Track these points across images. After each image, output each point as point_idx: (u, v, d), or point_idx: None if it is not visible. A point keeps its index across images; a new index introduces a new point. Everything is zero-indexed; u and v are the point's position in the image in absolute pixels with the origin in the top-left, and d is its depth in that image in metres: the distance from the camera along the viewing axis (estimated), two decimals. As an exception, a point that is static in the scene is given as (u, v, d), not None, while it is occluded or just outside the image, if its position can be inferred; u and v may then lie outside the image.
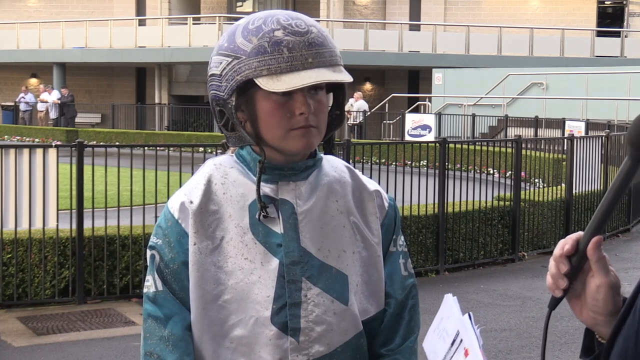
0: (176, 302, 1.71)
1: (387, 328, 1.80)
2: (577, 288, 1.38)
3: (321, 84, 1.69)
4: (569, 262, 1.37)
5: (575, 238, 1.38)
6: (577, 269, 1.37)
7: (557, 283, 1.37)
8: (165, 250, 1.72)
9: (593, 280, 1.36)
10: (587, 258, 1.35)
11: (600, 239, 1.35)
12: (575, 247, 1.37)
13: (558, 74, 24.04)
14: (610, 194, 1.36)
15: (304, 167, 1.75)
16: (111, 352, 6.15)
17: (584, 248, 1.35)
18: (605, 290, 1.35)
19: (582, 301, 1.38)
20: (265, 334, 1.68)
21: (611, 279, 1.36)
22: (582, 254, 1.36)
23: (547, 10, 33.76)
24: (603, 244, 1.36)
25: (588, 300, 1.37)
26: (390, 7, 35.15)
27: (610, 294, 1.35)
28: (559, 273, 1.37)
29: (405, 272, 1.84)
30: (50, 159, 7.32)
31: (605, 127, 16.46)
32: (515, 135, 11.61)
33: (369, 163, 9.09)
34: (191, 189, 1.74)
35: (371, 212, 1.81)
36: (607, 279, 1.35)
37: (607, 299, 1.35)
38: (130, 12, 35.75)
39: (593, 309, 1.37)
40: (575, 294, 1.39)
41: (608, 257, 1.38)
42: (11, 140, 27.67)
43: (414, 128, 23.44)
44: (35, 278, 7.31)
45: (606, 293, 1.35)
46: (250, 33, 1.68)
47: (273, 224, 1.71)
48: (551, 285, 1.39)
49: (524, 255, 9.75)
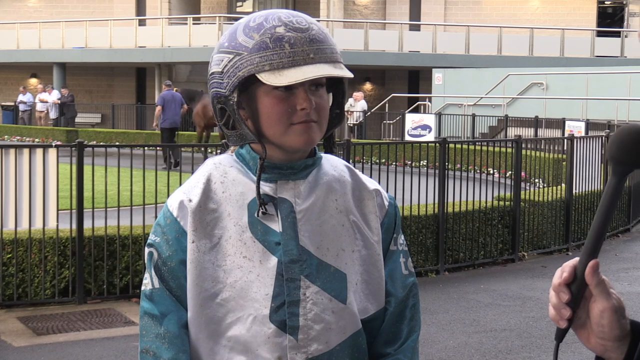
0: (172, 300, 1.71)
1: (388, 327, 1.80)
2: (582, 316, 1.34)
3: (322, 81, 1.70)
4: (569, 290, 1.33)
5: (572, 265, 1.34)
6: (579, 297, 1.33)
7: (560, 313, 1.33)
8: (163, 248, 1.73)
9: (596, 306, 1.32)
10: (587, 284, 1.32)
11: (597, 263, 1.32)
12: (574, 273, 1.33)
13: (558, 74, 24.04)
14: (600, 214, 1.33)
15: (303, 166, 1.75)
16: (111, 352, 6.15)
17: (582, 274, 1.32)
18: (609, 314, 1.31)
19: (588, 329, 1.34)
20: (263, 332, 1.68)
21: (614, 302, 1.32)
22: (581, 280, 1.32)
23: (547, 10, 33.76)
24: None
25: (593, 326, 1.33)
26: (390, 7, 35.15)
27: (614, 318, 1.31)
28: (561, 302, 1.33)
29: (405, 270, 1.85)
30: (50, 159, 7.32)
31: (605, 127, 16.46)
32: (515, 135, 11.61)
33: (369, 163, 9.09)
34: (190, 188, 1.75)
35: (371, 210, 1.81)
36: (610, 302, 1.32)
37: (613, 323, 1.31)
38: (130, 12, 35.75)
39: (600, 335, 1.33)
40: (580, 322, 1.34)
41: (608, 281, 1.34)
42: (11, 140, 27.67)
43: (414, 128, 23.44)
44: (35, 278, 7.31)
45: (610, 317, 1.31)
46: (252, 30, 1.68)
47: (272, 222, 1.72)
48: (554, 316, 1.34)
49: (524, 255, 9.76)
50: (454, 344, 6.36)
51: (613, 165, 1.31)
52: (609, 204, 1.33)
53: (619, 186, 1.32)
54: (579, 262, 1.33)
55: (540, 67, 25.71)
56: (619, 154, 1.29)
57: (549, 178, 12.76)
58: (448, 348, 6.26)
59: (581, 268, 1.33)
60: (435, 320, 6.98)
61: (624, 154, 1.29)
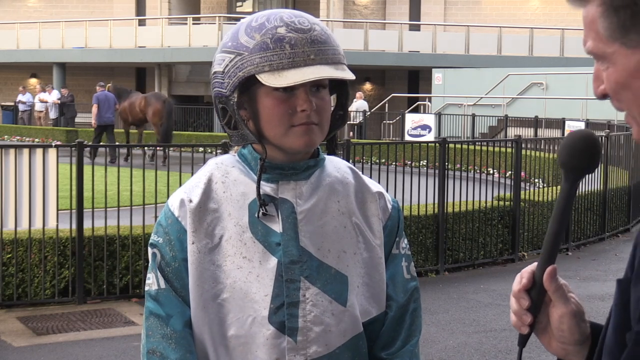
0: (178, 300, 1.71)
1: (388, 331, 1.79)
2: (542, 321, 1.35)
3: (324, 82, 1.69)
4: (528, 296, 1.34)
5: (530, 271, 1.35)
6: (539, 302, 1.34)
7: (521, 319, 1.34)
8: (166, 248, 1.73)
9: (555, 311, 1.33)
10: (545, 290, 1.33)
11: (554, 269, 1.32)
12: (532, 279, 1.34)
13: (558, 74, 24.04)
14: (554, 221, 1.34)
15: (305, 167, 1.74)
16: (111, 352, 6.15)
17: (540, 280, 1.33)
18: (568, 319, 1.33)
19: (549, 334, 1.35)
20: (262, 333, 1.68)
21: (572, 307, 1.33)
22: (540, 286, 1.33)
23: (547, 10, 33.76)
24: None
25: (554, 331, 1.34)
26: (390, 7, 35.16)
27: (574, 322, 1.33)
28: (521, 309, 1.34)
29: (407, 275, 1.83)
30: (50, 159, 7.32)
31: (605, 127, 16.46)
32: (515, 135, 11.61)
33: (369, 163, 9.09)
34: (191, 188, 1.75)
35: (373, 213, 1.80)
36: (568, 307, 1.33)
37: (572, 327, 1.33)
38: (130, 12, 35.76)
39: (560, 340, 1.34)
40: (542, 327, 1.36)
41: (567, 285, 1.35)
42: (11, 140, 27.66)
43: (414, 128, 23.44)
44: (35, 278, 7.31)
45: (570, 322, 1.33)
46: (254, 30, 1.68)
47: (272, 223, 1.71)
48: (516, 322, 1.35)
49: (524, 255, 9.75)
50: (453, 344, 6.36)
51: (565, 172, 1.32)
52: (563, 210, 1.33)
53: (572, 191, 1.33)
54: (537, 267, 1.34)
55: (540, 67, 25.71)
56: (570, 160, 1.31)
57: (549, 178, 12.75)
58: (448, 348, 6.26)
59: (539, 274, 1.33)
60: (435, 320, 6.98)
61: (574, 160, 1.31)
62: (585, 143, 1.31)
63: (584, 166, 1.31)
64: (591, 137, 1.32)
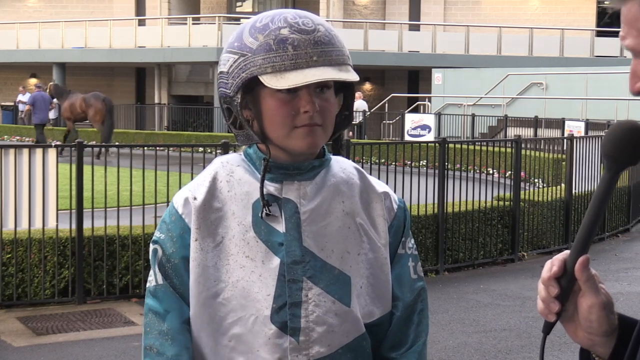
0: (176, 297, 1.71)
1: (395, 331, 1.79)
2: (570, 309, 1.34)
3: (328, 83, 1.68)
4: (558, 284, 1.32)
5: (562, 259, 1.33)
6: (568, 291, 1.32)
7: (548, 307, 1.33)
8: (168, 244, 1.73)
9: (584, 301, 1.32)
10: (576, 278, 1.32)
11: (588, 258, 1.31)
12: (563, 267, 1.33)
13: (558, 74, 24.05)
14: (592, 210, 1.32)
15: (309, 167, 1.74)
16: (111, 352, 6.15)
17: (572, 268, 1.31)
18: (598, 310, 1.31)
19: (575, 323, 1.34)
20: (264, 332, 1.68)
21: (602, 298, 1.32)
22: (570, 274, 1.32)
23: (546, 10, 33.77)
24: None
25: (582, 321, 1.33)
26: (390, 7, 35.16)
27: (603, 314, 1.32)
28: (550, 296, 1.33)
29: (414, 275, 1.82)
30: (50, 159, 7.32)
31: (605, 127, 16.46)
32: (515, 135, 11.61)
33: (369, 163, 9.10)
34: (196, 186, 1.75)
35: (378, 213, 1.79)
36: (599, 298, 1.32)
37: (601, 319, 1.32)
38: (130, 12, 35.76)
39: (588, 330, 1.33)
40: (568, 315, 1.35)
41: (598, 276, 1.34)
42: (11, 140, 27.66)
43: (414, 128, 23.44)
44: (35, 278, 7.31)
45: (599, 313, 1.32)
46: (257, 31, 1.68)
47: (276, 222, 1.71)
48: (543, 309, 1.34)
49: (524, 255, 9.75)
50: (453, 344, 6.36)
51: (608, 162, 1.30)
52: (602, 200, 1.32)
53: (613, 182, 1.31)
54: (569, 256, 1.33)
55: (540, 67, 25.72)
56: (613, 152, 1.29)
57: (549, 178, 12.75)
58: (448, 348, 6.26)
59: (571, 262, 1.32)
60: (435, 320, 6.98)
61: (617, 151, 1.28)
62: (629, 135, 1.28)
63: (627, 158, 1.29)
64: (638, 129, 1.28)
